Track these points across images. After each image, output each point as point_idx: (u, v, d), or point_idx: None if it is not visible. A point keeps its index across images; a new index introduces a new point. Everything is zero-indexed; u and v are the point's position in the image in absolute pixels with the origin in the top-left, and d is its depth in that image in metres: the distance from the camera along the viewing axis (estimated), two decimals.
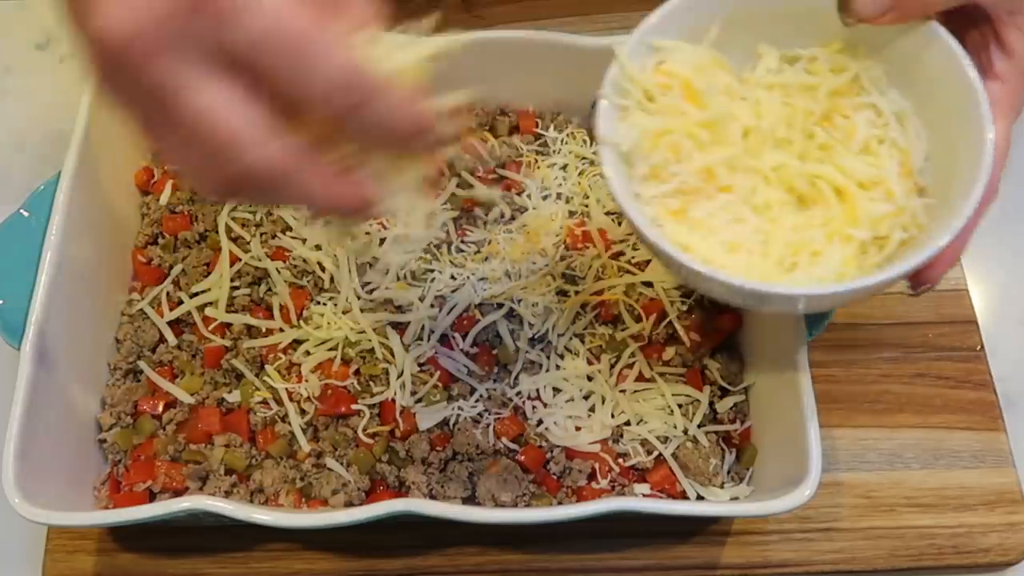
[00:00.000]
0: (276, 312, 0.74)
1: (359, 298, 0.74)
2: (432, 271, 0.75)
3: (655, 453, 0.69)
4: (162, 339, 0.74)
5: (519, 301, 0.73)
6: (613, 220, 0.77)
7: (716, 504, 0.67)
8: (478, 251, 0.76)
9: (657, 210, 0.55)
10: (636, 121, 0.56)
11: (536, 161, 0.79)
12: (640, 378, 0.71)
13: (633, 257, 0.75)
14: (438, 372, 0.71)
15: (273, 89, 0.40)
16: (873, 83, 0.57)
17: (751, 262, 0.54)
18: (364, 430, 0.70)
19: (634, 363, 0.72)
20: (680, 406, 0.70)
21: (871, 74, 0.57)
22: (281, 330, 0.73)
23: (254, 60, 0.40)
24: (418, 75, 0.45)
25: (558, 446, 0.69)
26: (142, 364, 0.73)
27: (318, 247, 0.75)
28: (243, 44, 0.39)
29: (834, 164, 0.55)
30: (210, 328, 0.73)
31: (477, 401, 0.71)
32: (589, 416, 0.70)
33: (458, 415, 0.70)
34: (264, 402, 0.71)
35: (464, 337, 0.72)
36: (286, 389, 0.71)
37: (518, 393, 0.71)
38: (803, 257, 0.54)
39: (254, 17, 0.39)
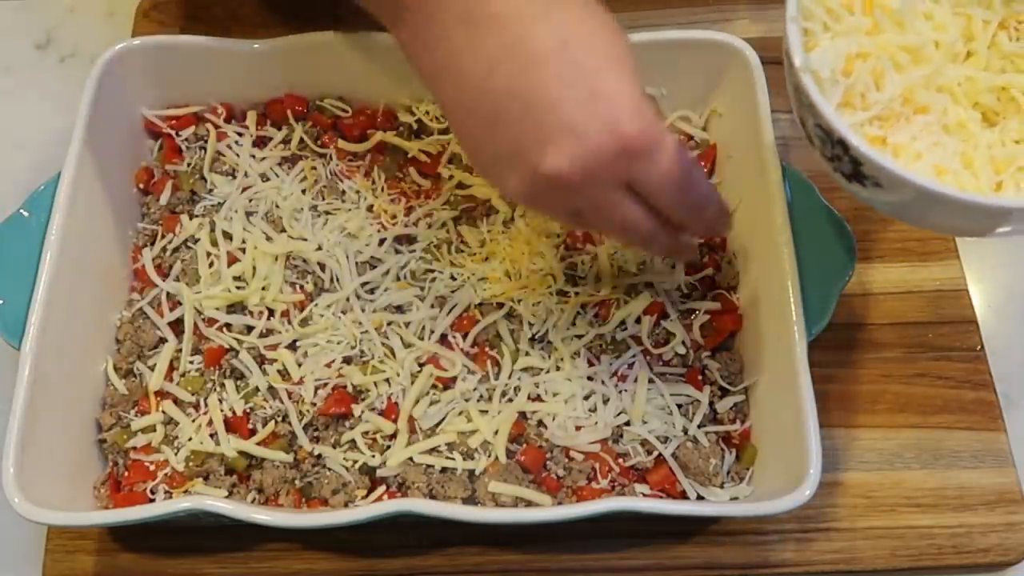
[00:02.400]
0: (276, 312, 0.74)
1: (359, 298, 0.74)
2: (432, 271, 0.75)
3: (655, 453, 0.69)
4: (162, 339, 0.74)
5: (519, 301, 0.73)
6: None
7: (716, 504, 0.67)
8: (478, 251, 0.76)
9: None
10: (828, 45, 0.53)
11: None
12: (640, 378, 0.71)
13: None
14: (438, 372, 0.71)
15: (652, 200, 0.59)
16: None
17: (962, 183, 0.51)
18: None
19: (634, 363, 0.72)
20: (680, 406, 0.70)
21: None
22: (281, 330, 0.73)
23: (652, 191, 0.58)
24: None
25: (558, 446, 0.69)
26: (142, 364, 0.73)
27: (319, 248, 0.75)
28: (648, 182, 0.57)
29: None
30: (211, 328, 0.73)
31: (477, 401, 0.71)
32: (589, 416, 0.70)
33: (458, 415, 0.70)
34: (264, 402, 0.71)
35: (464, 337, 0.73)
36: (286, 389, 0.71)
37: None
38: (1008, 174, 0.51)
39: (660, 160, 0.56)
